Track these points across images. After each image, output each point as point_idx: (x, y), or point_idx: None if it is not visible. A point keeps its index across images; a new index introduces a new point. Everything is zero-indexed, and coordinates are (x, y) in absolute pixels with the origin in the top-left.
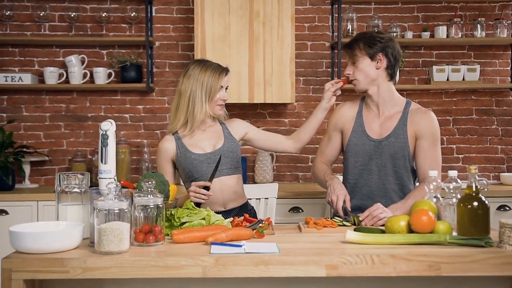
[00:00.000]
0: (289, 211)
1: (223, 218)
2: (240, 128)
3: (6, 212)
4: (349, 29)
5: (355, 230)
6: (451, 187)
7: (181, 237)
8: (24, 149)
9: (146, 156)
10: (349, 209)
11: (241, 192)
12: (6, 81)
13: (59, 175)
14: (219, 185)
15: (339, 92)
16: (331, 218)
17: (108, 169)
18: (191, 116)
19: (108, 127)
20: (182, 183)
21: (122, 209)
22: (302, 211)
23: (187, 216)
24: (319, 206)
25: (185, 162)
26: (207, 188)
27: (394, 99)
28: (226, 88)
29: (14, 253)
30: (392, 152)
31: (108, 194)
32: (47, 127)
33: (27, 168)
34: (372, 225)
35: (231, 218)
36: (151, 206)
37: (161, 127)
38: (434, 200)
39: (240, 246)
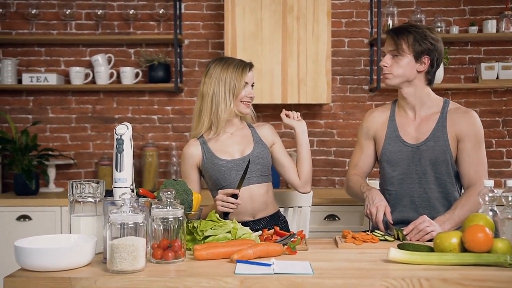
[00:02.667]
0: (324, 219)
1: (251, 232)
2: (269, 136)
3: (29, 218)
4: (389, 24)
5: (399, 246)
6: (510, 198)
7: (204, 253)
8: (49, 152)
9: (175, 159)
10: (391, 221)
11: (272, 201)
12: (32, 81)
13: (72, 183)
14: (248, 194)
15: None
16: (371, 232)
17: (123, 178)
18: (215, 117)
19: (124, 130)
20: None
21: (137, 222)
22: (339, 219)
23: (211, 229)
24: (357, 215)
25: (212, 169)
26: (235, 196)
27: (431, 100)
28: (252, 85)
29: (19, 270)
30: (432, 157)
31: (122, 205)
32: (73, 129)
33: (52, 172)
34: (418, 240)
35: (260, 232)
36: (170, 219)
37: (190, 129)
38: (491, 213)
39: (269, 265)
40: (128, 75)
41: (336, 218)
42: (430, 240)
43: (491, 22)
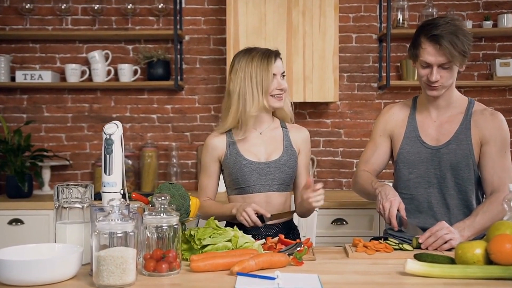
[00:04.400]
0: (331, 223)
1: (253, 240)
2: (299, 142)
3: (21, 222)
4: (399, 19)
5: (415, 257)
6: None
7: (201, 264)
8: (43, 153)
9: (175, 160)
10: (405, 218)
11: (288, 209)
12: (26, 79)
13: (57, 187)
14: (265, 199)
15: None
16: (384, 240)
17: (112, 181)
18: (243, 115)
19: (113, 130)
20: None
21: (126, 231)
22: (347, 223)
23: (209, 237)
24: (366, 219)
25: (233, 167)
26: (261, 218)
27: (456, 99)
28: (283, 74)
29: None
30: (454, 161)
31: (110, 213)
32: (69, 129)
33: (46, 173)
34: (436, 248)
35: (263, 240)
36: (164, 227)
37: (191, 128)
38: None
39: (273, 278)
40: (126, 73)
41: (344, 222)
42: (449, 250)
43: (507, 16)
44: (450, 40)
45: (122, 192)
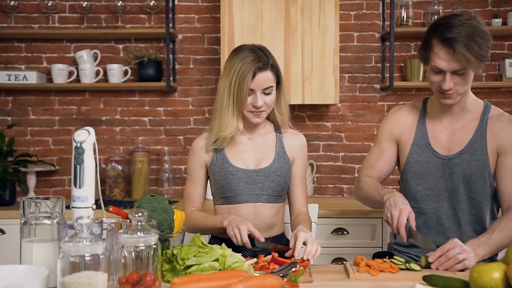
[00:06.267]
0: (331, 233)
1: (243, 259)
2: (294, 149)
3: (2, 231)
4: (403, 17)
5: (424, 279)
6: None
7: None
8: (27, 158)
9: (167, 165)
10: (414, 228)
11: (280, 223)
12: (10, 80)
13: (23, 201)
14: (253, 211)
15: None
16: (389, 259)
17: (83, 196)
18: (218, 132)
19: (84, 137)
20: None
21: (96, 254)
22: (348, 233)
23: (194, 256)
24: (368, 228)
25: (219, 174)
26: (252, 240)
27: (471, 104)
28: (266, 92)
29: None
30: (467, 173)
31: (78, 232)
32: (56, 132)
33: (31, 179)
34: (447, 269)
35: (255, 259)
36: (141, 247)
37: (184, 132)
38: None
39: None
40: (116, 73)
41: (345, 232)
42: (462, 270)
43: None
44: (465, 44)
45: (94, 207)
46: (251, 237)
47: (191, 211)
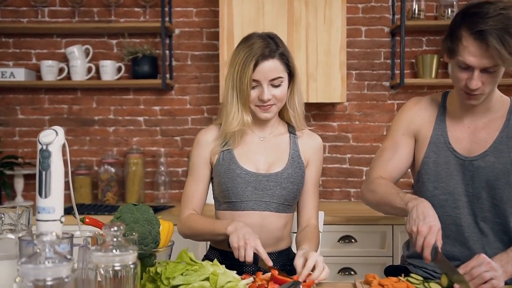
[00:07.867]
0: (338, 241)
1: (239, 278)
2: (309, 151)
3: None
4: (414, 9)
5: None
6: None
7: None
8: (13, 160)
9: (163, 168)
10: (439, 249)
11: (287, 236)
12: None
13: None
14: (259, 221)
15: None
16: (404, 277)
17: (49, 206)
18: (225, 128)
19: (51, 138)
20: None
21: (60, 278)
22: (355, 241)
23: (181, 275)
24: (377, 236)
25: (225, 175)
26: (256, 258)
27: (496, 101)
28: (274, 84)
29: None
30: (491, 177)
31: (38, 251)
32: None
33: (19, 183)
34: None
35: (251, 279)
36: (116, 268)
37: (182, 132)
38: None
39: None
40: (109, 70)
41: (353, 240)
42: None
43: None
44: (501, 38)
45: (63, 220)
46: (255, 254)
47: (190, 214)
